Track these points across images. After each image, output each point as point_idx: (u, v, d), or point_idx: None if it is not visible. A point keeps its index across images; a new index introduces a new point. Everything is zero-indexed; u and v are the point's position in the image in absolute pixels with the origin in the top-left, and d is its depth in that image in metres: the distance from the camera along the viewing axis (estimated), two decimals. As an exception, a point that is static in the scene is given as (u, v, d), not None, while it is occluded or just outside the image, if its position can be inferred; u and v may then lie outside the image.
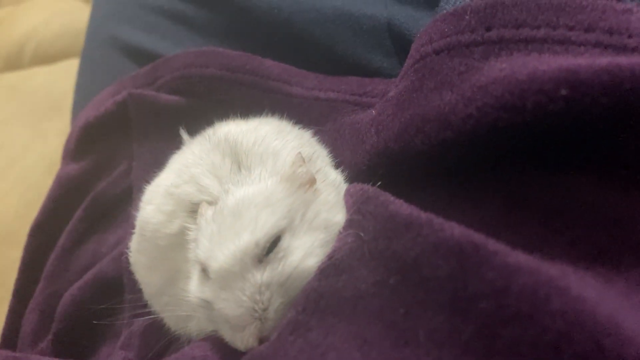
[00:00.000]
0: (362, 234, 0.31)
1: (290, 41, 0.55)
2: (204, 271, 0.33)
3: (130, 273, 0.46)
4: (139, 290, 0.44)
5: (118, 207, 0.59)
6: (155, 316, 0.41)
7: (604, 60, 0.28)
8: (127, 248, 0.45)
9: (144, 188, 0.44)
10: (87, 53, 0.78)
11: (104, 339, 0.50)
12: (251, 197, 0.34)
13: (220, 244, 0.32)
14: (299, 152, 0.37)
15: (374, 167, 0.38)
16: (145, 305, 0.42)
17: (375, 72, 0.50)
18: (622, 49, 0.30)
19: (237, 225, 0.32)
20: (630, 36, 0.30)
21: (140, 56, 0.66)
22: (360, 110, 0.46)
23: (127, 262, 0.45)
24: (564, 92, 0.28)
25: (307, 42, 0.53)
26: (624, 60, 0.28)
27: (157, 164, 0.46)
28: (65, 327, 0.50)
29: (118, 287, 0.50)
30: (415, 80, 0.37)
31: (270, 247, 0.32)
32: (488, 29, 0.34)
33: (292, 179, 0.35)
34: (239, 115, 0.47)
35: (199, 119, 0.48)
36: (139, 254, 0.43)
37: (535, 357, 0.22)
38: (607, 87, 0.27)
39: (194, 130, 0.47)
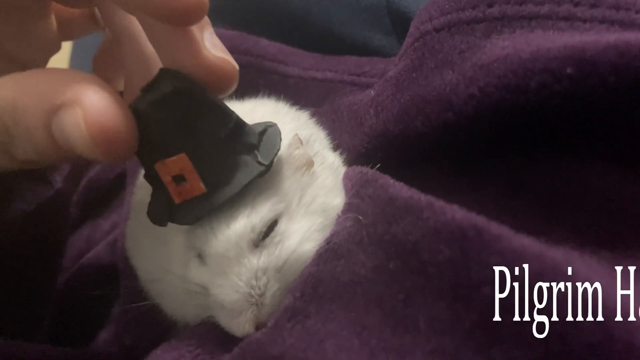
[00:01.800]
0: (360, 218, 0.30)
1: (286, 20, 0.54)
2: (200, 256, 0.33)
3: (126, 259, 0.45)
4: (135, 277, 0.43)
5: (112, 193, 0.58)
6: (152, 302, 0.40)
7: (611, 36, 0.27)
8: (122, 234, 0.44)
9: (138, 172, 0.43)
10: (80, 39, 0.77)
11: (100, 326, 0.50)
12: None
13: (215, 228, 0.32)
14: (296, 134, 0.36)
15: (373, 150, 0.37)
16: (141, 292, 0.42)
17: (374, 52, 0.49)
18: (629, 25, 0.29)
19: (232, 209, 0.32)
20: (637, 12, 0.29)
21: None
22: (359, 90, 0.45)
23: (123, 249, 0.45)
24: (569, 70, 0.27)
25: (303, 20, 0.52)
26: (632, 36, 0.27)
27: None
28: (61, 314, 0.50)
29: (113, 273, 0.50)
30: (415, 60, 0.36)
31: (267, 232, 0.32)
32: (490, 6, 0.33)
33: (289, 162, 0.34)
34: (234, 96, 0.46)
35: None
36: (134, 240, 0.42)
37: (541, 346, 0.22)
38: (615, 65, 0.26)
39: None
